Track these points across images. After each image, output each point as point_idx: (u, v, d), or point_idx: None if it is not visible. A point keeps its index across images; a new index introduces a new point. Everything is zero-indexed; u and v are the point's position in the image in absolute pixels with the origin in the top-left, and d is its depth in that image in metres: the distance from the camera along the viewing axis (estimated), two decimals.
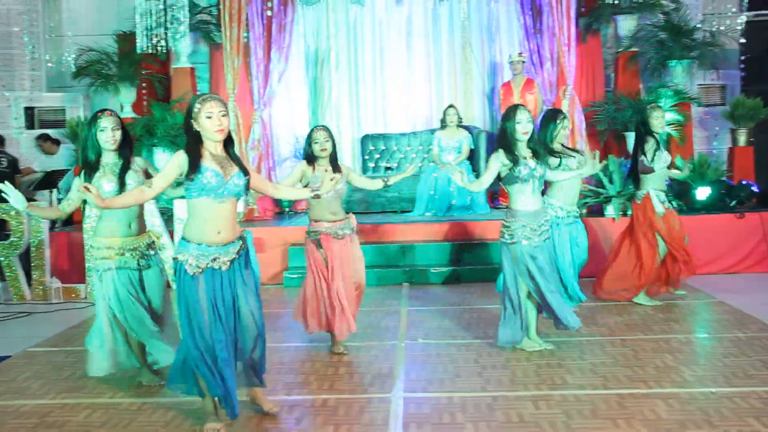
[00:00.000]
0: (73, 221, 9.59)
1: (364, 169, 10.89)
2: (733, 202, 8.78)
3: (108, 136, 4.65)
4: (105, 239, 4.72)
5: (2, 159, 9.78)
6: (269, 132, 10.28)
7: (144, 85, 10.66)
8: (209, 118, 3.89)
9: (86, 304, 7.60)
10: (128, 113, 10.43)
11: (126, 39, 10.60)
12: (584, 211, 8.87)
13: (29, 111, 10.97)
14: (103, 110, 4.73)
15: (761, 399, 4.25)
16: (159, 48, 9.50)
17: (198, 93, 10.37)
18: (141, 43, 9.41)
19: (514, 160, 5.13)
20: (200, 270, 3.94)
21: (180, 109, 9.93)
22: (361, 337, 5.87)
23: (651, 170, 6.56)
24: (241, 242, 4.07)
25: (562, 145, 6.24)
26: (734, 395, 4.32)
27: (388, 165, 10.82)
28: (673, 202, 6.99)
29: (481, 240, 8.42)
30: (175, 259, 3.98)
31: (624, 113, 9.62)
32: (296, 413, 4.28)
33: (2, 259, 8.01)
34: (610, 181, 8.61)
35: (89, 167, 4.69)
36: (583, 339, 5.66)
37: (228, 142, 4.03)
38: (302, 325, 5.59)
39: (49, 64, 11.50)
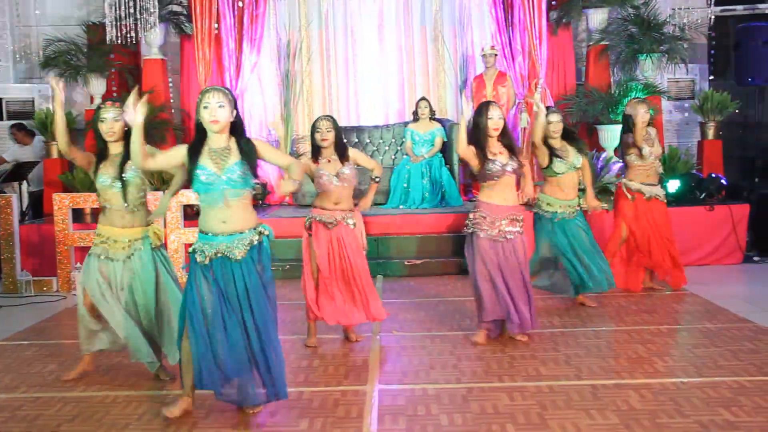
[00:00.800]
0: (43, 214, 9.48)
1: None
2: (703, 195, 8.89)
3: (107, 127, 4.62)
4: (100, 226, 4.74)
5: None
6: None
7: (114, 76, 10.53)
8: (206, 108, 3.90)
9: (58, 297, 7.52)
10: (98, 105, 10.29)
11: (95, 29, 10.46)
12: None
13: None
14: (107, 100, 4.71)
15: (731, 389, 4.32)
16: (129, 39, 9.38)
17: (170, 84, 10.37)
18: (110, 34, 9.28)
19: (484, 156, 5.16)
20: (208, 259, 3.95)
21: (152, 100, 9.83)
22: (336, 329, 5.87)
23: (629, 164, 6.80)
24: (254, 235, 4.01)
25: (565, 136, 6.29)
26: (704, 385, 4.39)
27: None
28: (660, 197, 6.98)
29: (455, 232, 8.45)
30: (192, 250, 4.04)
31: (595, 106, 9.69)
32: (270, 406, 4.25)
33: None
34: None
35: (99, 155, 4.71)
36: (557, 330, 5.72)
37: (237, 132, 4.00)
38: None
39: (16, 56, 11.31)
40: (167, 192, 4.85)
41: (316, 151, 5.36)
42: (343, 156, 5.35)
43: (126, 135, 4.60)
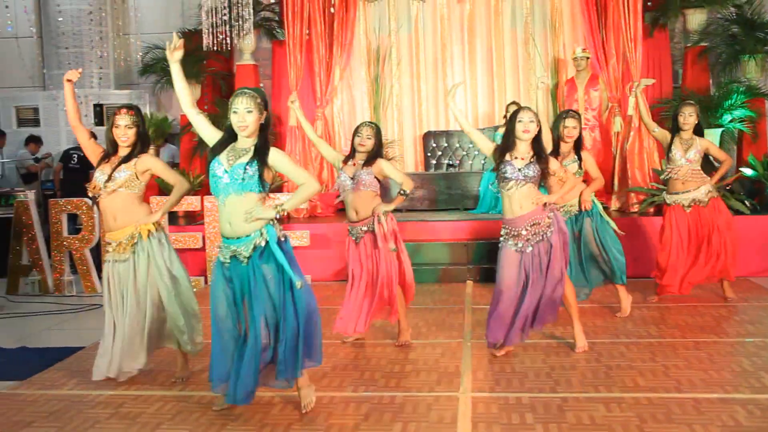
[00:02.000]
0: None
1: (426, 167, 10.86)
2: None
3: (120, 132, 4.75)
4: (105, 232, 4.93)
5: (74, 155, 10.03)
6: (331, 129, 10.33)
7: (208, 82, 10.81)
8: (235, 113, 4.00)
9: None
10: None
11: (191, 37, 10.75)
12: (651, 210, 8.69)
13: (98, 108, 11.22)
14: (122, 107, 4.83)
15: None
16: (223, 45, 9.61)
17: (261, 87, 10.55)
18: (206, 41, 9.52)
19: (501, 158, 5.00)
20: (227, 259, 4.09)
21: None
22: (426, 335, 5.86)
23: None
24: (258, 238, 4.04)
25: (575, 145, 6.14)
26: None
27: (450, 162, 10.76)
28: (703, 202, 6.63)
29: None
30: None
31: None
32: (364, 410, 4.28)
33: (74, 252, 8.23)
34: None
35: (105, 154, 4.84)
36: (654, 341, 5.54)
37: (263, 131, 4.08)
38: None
39: (120, 64, 11.76)
40: (171, 196, 4.93)
41: (352, 154, 5.45)
42: (369, 162, 5.34)
43: (136, 141, 4.78)
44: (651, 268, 7.98)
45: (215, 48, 9.62)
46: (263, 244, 4.04)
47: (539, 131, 5.00)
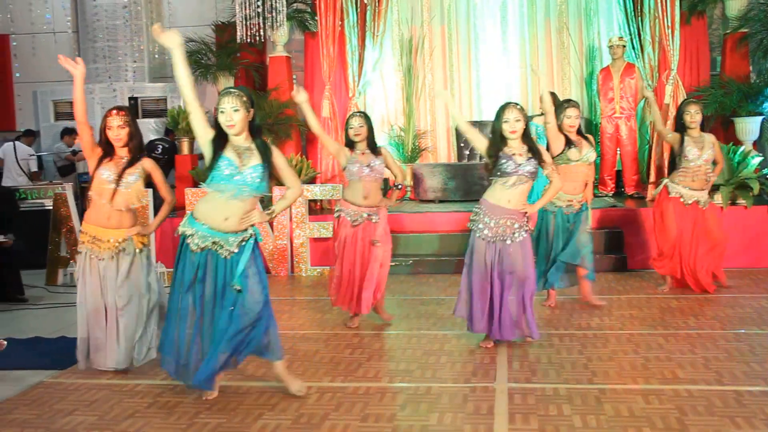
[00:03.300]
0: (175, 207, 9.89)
1: (459, 157, 10.80)
2: None
3: (113, 134, 4.86)
4: (85, 224, 4.97)
5: (158, 145, 10.11)
6: None
7: (241, 74, 10.86)
8: (222, 113, 4.09)
9: None
10: None
11: (224, 29, 10.84)
12: None
13: (133, 101, 11.33)
14: (112, 108, 4.96)
15: None
16: (257, 37, 9.65)
17: (294, 81, 10.58)
18: (240, 33, 9.56)
19: (495, 155, 4.99)
20: (200, 249, 4.14)
21: (277, 97, 10.08)
22: (461, 326, 5.83)
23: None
24: (245, 235, 4.19)
25: (578, 133, 6.24)
26: None
27: None
28: (702, 204, 6.68)
29: None
30: (182, 233, 4.20)
31: (732, 98, 9.20)
32: (400, 400, 4.28)
33: None
34: None
35: (105, 153, 4.90)
36: (693, 332, 5.46)
37: (256, 132, 4.18)
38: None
39: (156, 56, 11.86)
40: (161, 212, 5.06)
41: (350, 146, 5.75)
42: (374, 150, 5.74)
43: (129, 139, 4.88)
44: None
45: (248, 40, 9.65)
46: (249, 240, 4.20)
47: (526, 127, 5.05)
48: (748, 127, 9.13)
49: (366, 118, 5.77)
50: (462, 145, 10.82)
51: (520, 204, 5.06)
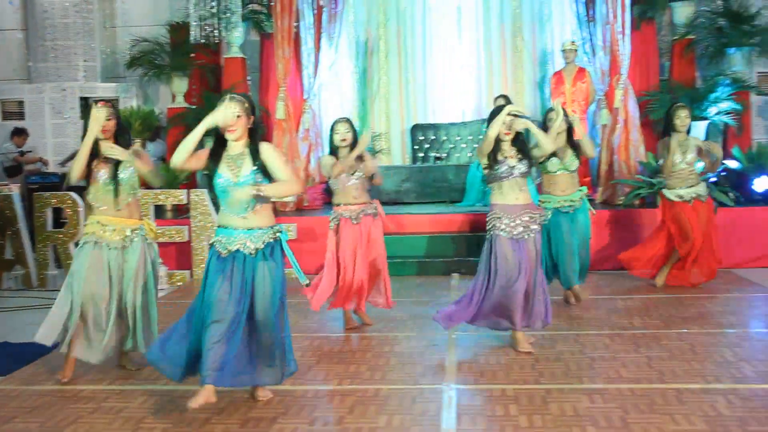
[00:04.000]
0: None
1: (414, 159, 10.86)
2: None
3: (99, 126, 4.74)
4: (96, 216, 4.86)
5: None
6: (319, 122, 10.31)
7: (196, 75, 10.77)
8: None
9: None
10: (180, 103, 10.57)
11: (178, 29, 10.72)
12: (636, 202, 8.72)
13: (84, 101, 11.15)
14: (97, 100, 4.88)
15: None
16: (211, 38, 9.57)
17: (249, 82, 10.52)
18: (194, 33, 9.47)
19: (492, 160, 5.09)
20: (228, 252, 4.10)
21: None
22: (411, 328, 5.87)
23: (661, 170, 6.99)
24: (271, 232, 4.16)
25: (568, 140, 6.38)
26: None
27: (438, 155, 10.75)
28: (702, 197, 6.88)
29: None
30: (211, 243, 4.22)
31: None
32: (348, 402, 4.29)
33: (58, 247, 8.19)
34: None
35: (91, 155, 4.78)
36: (638, 332, 5.57)
37: (253, 135, 4.17)
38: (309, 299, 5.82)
39: (108, 56, 11.70)
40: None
41: (334, 151, 5.73)
42: (360, 157, 5.72)
43: (117, 134, 4.83)
44: None
45: (203, 41, 9.57)
46: (274, 241, 4.16)
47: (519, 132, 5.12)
48: (694, 132, 9.30)
49: (351, 124, 5.81)
50: (416, 147, 10.88)
51: (526, 197, 5.16)
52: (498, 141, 5.10)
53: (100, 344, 4.78)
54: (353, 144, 5.71)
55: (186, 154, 4.07)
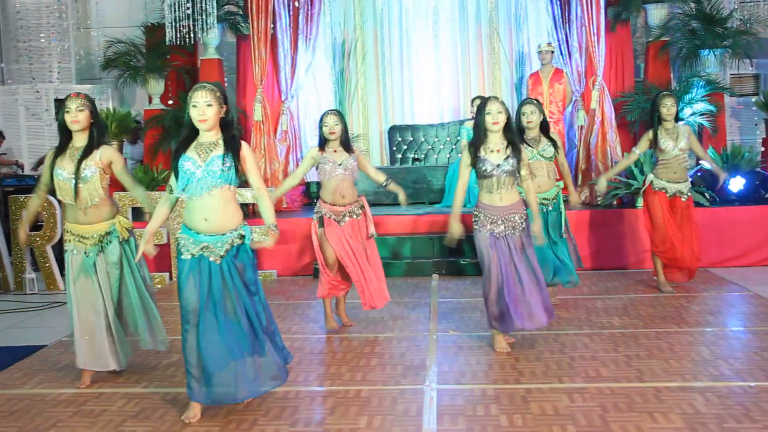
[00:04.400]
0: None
1: (392, 161, 10.87)
2: None
3: (71, 117, 4.57)
4: (67, 223, 4.75)
5: None
6: (296, 123, 10.29)
7: (172, 76, 10.70)
8: (194, 107, 3.98)
9: None
10: (156, 105, 10.50)
11: (154, 30, 10.66)
12: (614, 202, 8.81)
13: (58, 103, 11.03)
14: (72, 93, 4.73)
15: None
16: (187, 39, 9.51)
17: (226, 84, 10.47)
18: (170, 35, 9.41)
19: (475, 154, 5.01)
20: (191, 255, 4.02)
21: None
22: (392, 328, 5.87)
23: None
24: (236, 236, 4.06)
25: (542, 129, 6.29)
26: None
27: (416, 156, 10.78)
28: (683, 195, 6.85)
29: None
30: (176, 239, 4.14)
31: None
32: (330, 403, 4.28)
33: (35, 249, 8.10)
34: (642, 172, 8.51)
35: (58, 148, 4.68)
36: (617, 331, 5.61)
37: (226, 127, 4.08)
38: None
39: (78, 57, 11.58)
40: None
41: (323, 143, 5.71)
42: (348, 148, 5.74)
43: (91, 126, 4.64)
44: (614, 260, 8.14)
45: (179, 42, 9.51)
46: (239, 243, 4.07)
47: (509, 120, 5.03)
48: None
49: (340, 116, 5.78)
50: (394, 149, 10.89)
51: (514, 197, 5.07)
52: (486, 132, 5.03)
53: (107, 351, 4.69)
54: (341, 137, 5.70)
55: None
